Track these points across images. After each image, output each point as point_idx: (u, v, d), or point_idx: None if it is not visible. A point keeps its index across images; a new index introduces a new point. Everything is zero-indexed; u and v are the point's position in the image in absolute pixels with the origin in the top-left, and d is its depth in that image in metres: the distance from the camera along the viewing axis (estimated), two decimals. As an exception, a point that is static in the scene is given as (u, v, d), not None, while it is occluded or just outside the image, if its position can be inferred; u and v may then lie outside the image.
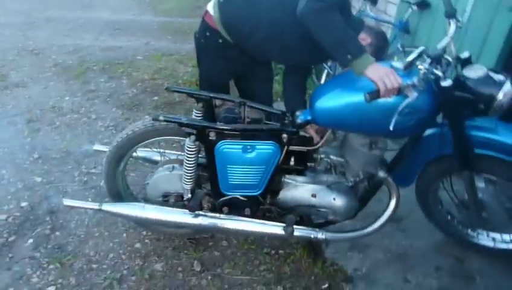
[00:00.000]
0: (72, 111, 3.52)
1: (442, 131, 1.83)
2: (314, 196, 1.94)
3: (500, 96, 1.59)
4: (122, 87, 4.02)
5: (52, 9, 6.65)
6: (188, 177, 1.88)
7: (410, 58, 1.58)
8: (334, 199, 1.93)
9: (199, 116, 2.00)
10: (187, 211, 1.93)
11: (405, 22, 3.60)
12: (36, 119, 3.36)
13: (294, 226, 1.94)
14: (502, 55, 2.66)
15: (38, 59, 4.64)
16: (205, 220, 1.95)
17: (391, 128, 1.58)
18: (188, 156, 1.84)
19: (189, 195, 1.92)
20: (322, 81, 3.82)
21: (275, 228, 1.95)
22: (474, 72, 1.66)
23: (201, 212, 1.95)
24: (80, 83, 4.05)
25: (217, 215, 1.96)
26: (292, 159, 1.93)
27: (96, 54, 4.88)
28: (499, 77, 1.63)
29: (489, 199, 1.99)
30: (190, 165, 1.86)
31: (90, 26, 5.94)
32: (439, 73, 1.63)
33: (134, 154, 2.03)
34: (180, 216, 1.94)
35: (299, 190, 1.96)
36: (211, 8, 2.02)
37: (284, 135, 1.84)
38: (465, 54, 1.75)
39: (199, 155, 1.89)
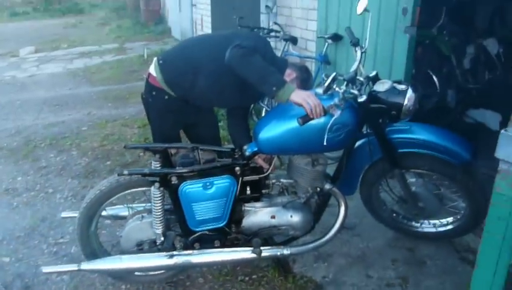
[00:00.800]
0: (27, 190, 3.56)
1: (369, 140, 2.16)
2: (273, 217, 2.17)
3: (406, 101, 1.94)
4: (74, 159, 4.11)
5: (-15, 97, 6.62)
6: (158, 222, 2.05)
7: (326, 83, 1.90)
8: (291, 216, 2.16)
9: (158, 166, 2.19)
10: (162, 253, 2.08)
11: (324, 55, 4.04)
12: (-9, 204, 3.36)
13: (262, 248, 2.14)
14: (408, 69, 3.10)
15: (-20, 147, 4.62)
16: (180, 258, 2.10)
17: (325, 143, 1.87)
18: (155, 202, 2.01)
19: (162, 238, 2.08)
20: (262, 118, 4.15)
21: (244, 253, 2.14)
22: (382, 86, 2.01)
23: (175, 252, 2.10)
24: (29, 162, 4.09)
25: (190, 252, 2.12)
26: (248, 189, 2.16)
27: (40, 131, 4.93)
28: (402, 87, 1.98)
29: (421, 190, 2.32)
30: (158, 211, 2.03)
31: (28, 107, 5.97)
32: (355, 91, 1.97)
33: (103, 213, 2.17)
34: (157, 260, 2.08)
35: (259, 215, 2.18)
36: (152, 70, 2.27)
37: (237, 168, 2.08)
38: (372, 73, 2.10)
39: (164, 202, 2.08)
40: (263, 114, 4.29)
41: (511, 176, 1.16)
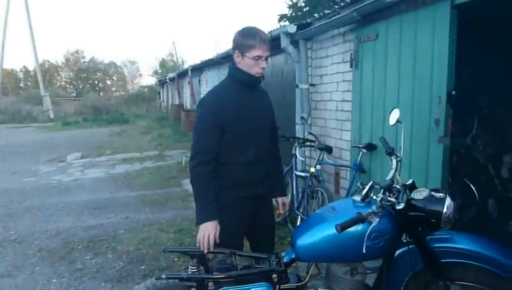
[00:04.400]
0: (61, 293, 3.56)
1: (409, 249, 2.10)
2: (311, 329, 2.07)
3: (445, 209, 1.93)
4: (109, 262, 4.14)
5: (31, 199, 6.94)
6: (193, 331, 1.99)
7: (363, 191, 1.94)
8: (330, 328, 2.06)
9: (195, 271, 2.19)
10: None
11: (359, 163, 4.12)
12: (25, 307, 3.36)
13: None
14: (444, 177, 3.11)
15: (21, 247, 4.74)
16: None
17: (364, 251, 1.85)
18: (191, 308, 1.98)
19: None
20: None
21: None
22: (420, 194, 2.02)
23: None
24: (66, 264, 4.14)
25: None
26: (285, 298, 2.11)
27: (79, 234, 5.05)
28: (440, 195, 1.99)
29: (469, 304, 2.17)
30: (193, 318, 1.99)
31: (69, 209, 6.20)
32: (392, 199, 1.98)
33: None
34: None
35: (296, 326, 2.08)
36: None
37: (274, 275, 2.06)
38: (409, 181, 2.13)
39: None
40: (298, 222, 4.29)
41: None
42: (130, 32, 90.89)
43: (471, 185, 4.07)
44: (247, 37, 2.25)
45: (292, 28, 5.14)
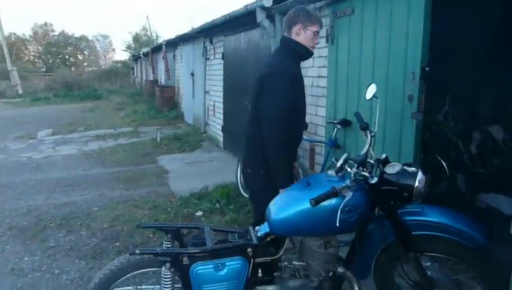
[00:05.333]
0: (33, 270, 3.50)
1: (381, 222, 2.15)
2: (285, 301, 2.10)
3: (417, 183, 1.96)
4: (83, 239, 4.09)
5: (0, 177, 6.76)
6: (167, 305, 2.00)
7: (338, 164, 1.95)
8: (304, 300, 2.10)
9: (169, 247, 2.18)
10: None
11: (334, 139, 4.15)
12: (-5, 285, 3.30)
13: (272, 335, 2.05)
14: (416, 153, 3.16)
15: (-9, 225, 4.63)
16: None
17: (337, 225, 1.87)
18: (165, 283, 1.98)
19: (171, 322, 2.01)
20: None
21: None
22: (392, 169, 2.05)
23: (183, 338, 2.02)
24: (38, 242, 4.07)
25: (199, 338, 2.04)
26: (260, 271, 2.12)
27: (51, 211, 4.95)
28: (412, 169, 2.02)
29: (437, 275, 2.25)
30: (167, 293, 1.99)
31: (41, 187, 6.06)
32: (366, 174, 2.00)
33: (110, 294, 2.12)
34: None
35: (270, 299, 2.11)
36: None
37: (249, 249, 2.06)
38: (382, 156, 2.16)
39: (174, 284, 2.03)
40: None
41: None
42: (101, 5, 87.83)
43: (442, 161, 4.17)
44: (308, 14, 2.53)
45: (268, 2, 5.05)
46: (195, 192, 5.27)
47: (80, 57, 52.38)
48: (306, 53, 2.58)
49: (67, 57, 50.11)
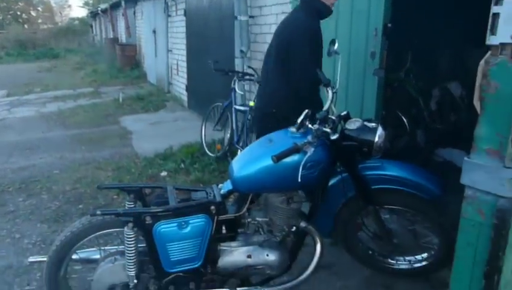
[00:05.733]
0: (-8, 236, 3.42)
1: (342, 177, 2.19)
2: (249, 256, 2.14)
3: (376, 138, 2.00)
4: (44, 202, 3.99)
5: (-48, 141, 6.44)
6: (131, 265, 1.99)
7: (299, 120, 1.95)
8: (267, 255, 2.14)
9: (132, 207, 2.16)
10: (136, 297, 2.01)
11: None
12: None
13: (238, 289, 2.10)
14: (378, 109, 3.22)
15: None
16: (154, 302, 2.03)
17: (299, 180, 1.89)
18: (128, 243, 1.96)
19: (135, 281, 2.01)
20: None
21: (220, 295, 2.09)
22: (353, 124, 2.07)
23: (149, 296, 2.04)
24: (-4, 207, 3.96)
25: (165, 295, 2.06)
26: (224, 228, 2.14)
27: (9, 176, 4.79)
28: (372, 124, 2.05)
29: (395, 226, 2.35)
30: (131, 252, 1.98)
31: (-3, 151, 5.84)
32: (327, 130, 2.01)
33: (73, 256, 2.09)
34: (130, 304, 2.01)
35: (234, 254, 2.14)
36: None
37: (212, 207, 2.06)
38: (344, 112, 2.17)
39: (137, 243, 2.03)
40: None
41: (476, 201, 1.20)
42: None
43: (403, 117, 4.26)
44: None
45: (230, -45, 4.87)
46: (160, 152, 5.21)
47: (34, 14, 49.32)
48: (326, 11, 2.67)
49: (18, 13, 47.09)
